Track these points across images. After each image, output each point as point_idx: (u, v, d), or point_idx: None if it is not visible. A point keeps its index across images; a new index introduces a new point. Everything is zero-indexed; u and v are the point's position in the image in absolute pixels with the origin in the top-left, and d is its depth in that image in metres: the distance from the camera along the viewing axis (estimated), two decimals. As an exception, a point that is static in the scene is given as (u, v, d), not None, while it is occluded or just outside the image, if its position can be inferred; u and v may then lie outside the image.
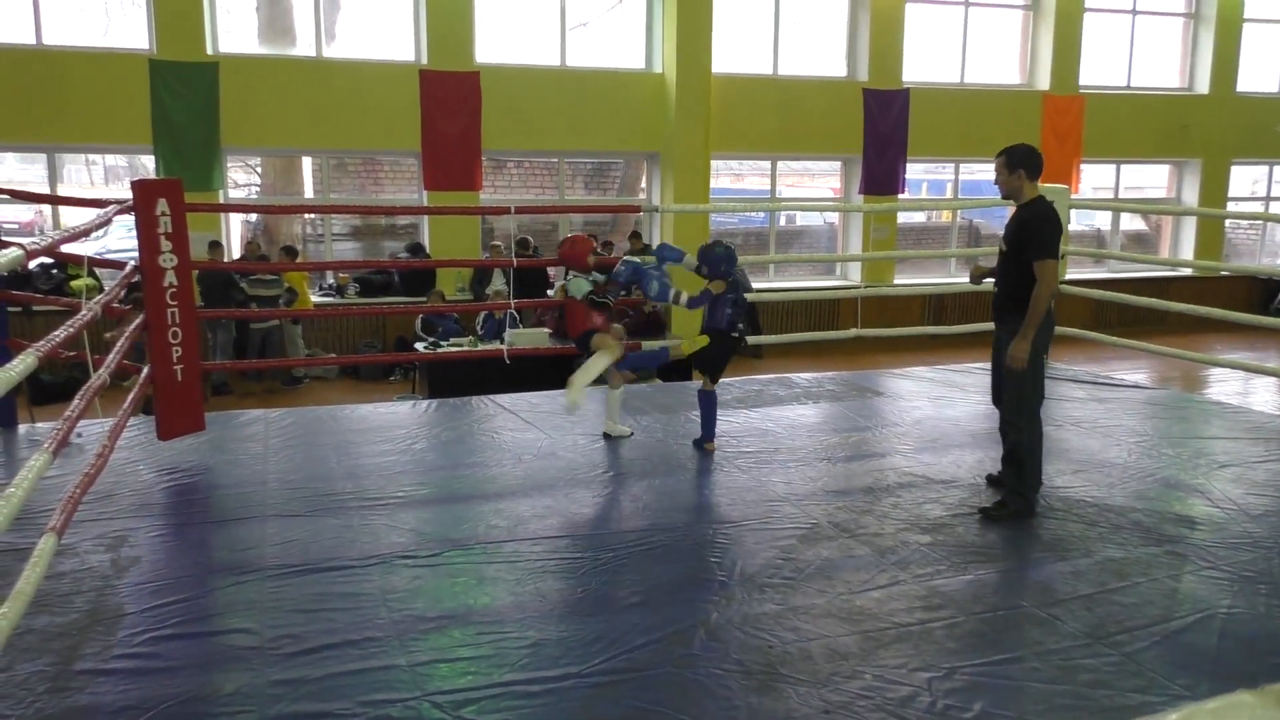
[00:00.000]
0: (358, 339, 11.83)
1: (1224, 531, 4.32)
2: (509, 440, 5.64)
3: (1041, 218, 4.37)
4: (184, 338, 5.37)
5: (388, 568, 3.84)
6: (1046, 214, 4.39)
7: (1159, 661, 3.18)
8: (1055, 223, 4.38)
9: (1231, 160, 15.30)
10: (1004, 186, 4.52)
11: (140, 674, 3.05)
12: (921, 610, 3.58)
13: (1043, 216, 4.37)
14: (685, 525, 4.32)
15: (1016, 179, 4.44)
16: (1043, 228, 4.35)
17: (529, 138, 12.17)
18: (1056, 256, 4.35)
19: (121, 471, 4.97)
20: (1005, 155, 4.49)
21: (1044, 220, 4.37)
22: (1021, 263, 4.35)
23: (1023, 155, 4.44)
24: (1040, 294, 4.29)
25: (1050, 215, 4.39)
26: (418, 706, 2.87)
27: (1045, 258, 4.30)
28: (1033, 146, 4.53)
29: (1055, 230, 4.38)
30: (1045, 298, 4.29)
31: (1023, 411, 4.47)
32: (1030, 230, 4.35)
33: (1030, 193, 4.45)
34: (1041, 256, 4.30)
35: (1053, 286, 4.30)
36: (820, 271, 14.42)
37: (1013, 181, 4.46)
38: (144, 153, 11.17)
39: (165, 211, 5.19)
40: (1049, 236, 4.34)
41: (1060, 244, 4.51)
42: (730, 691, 2.98)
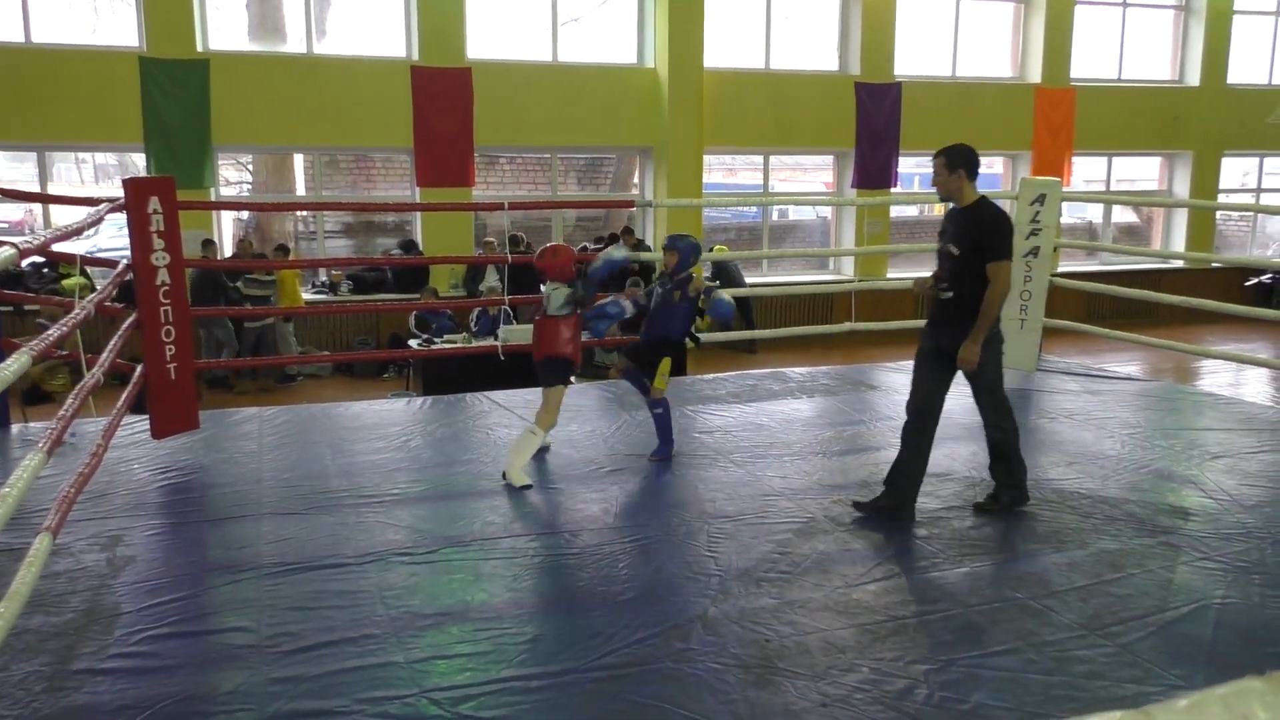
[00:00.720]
0: (351, 336, 11.80)
1: (1218, 522, 4.34)
2: (504, 436, 5.64)
3: (995, 219, 4.26)
4: (177, 336, 5.35)
5: (384, 565, 3.84)
6: (999, 215, 4.29)
7: (1154, 652, 3.20)
8: (1009, 224, 4.32)
9: (1222, 152, 15.34)
10: (943, 188, 4.35)
11: (137, 673, 3.04)
12: (918, 603, 3.59)
13: (997, 218, 4.27)
14: (681, 520, 4.33)
15: (956, 179, 4.29)
16: (998, 229, 4.25)
17: (521, 133, 12.15)
18: (1011, 258, 4.29)
19: (116, 471, 4.96)
20: (944, 156, 4.33)
21: (998, 222, 4.27)
22: (975, 266, 4.22)
23: (962, 155, 4.31)
24: (995, 296, 4.20)
25: (1003, 216, 4.31)
26: (416, 703, 2.87)
27: (1003, 259, 4.22)
28: (970, 146, 4.39)
29: (1010, 231, 4.33)
30: (1000, 300, 4.21)
31: (1000, 410, 4.42)
32: (985, 232, 4.23)
33: (971, 194, 4.30)
34: (1000, 258, 4.21)
35: (1008, 289, 4.24)
36: (813, 266, 14.43)
37: (952, 183, 4.30)
38: (135, 151, 11.13)
39: (157, 209, 5.18)
40: (1005, 238, 4.28)
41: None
42: (728, 685, 2.99)
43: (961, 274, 4.28)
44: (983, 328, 4.22)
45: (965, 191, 4.30)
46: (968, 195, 4.31)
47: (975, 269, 4.23)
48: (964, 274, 4.27)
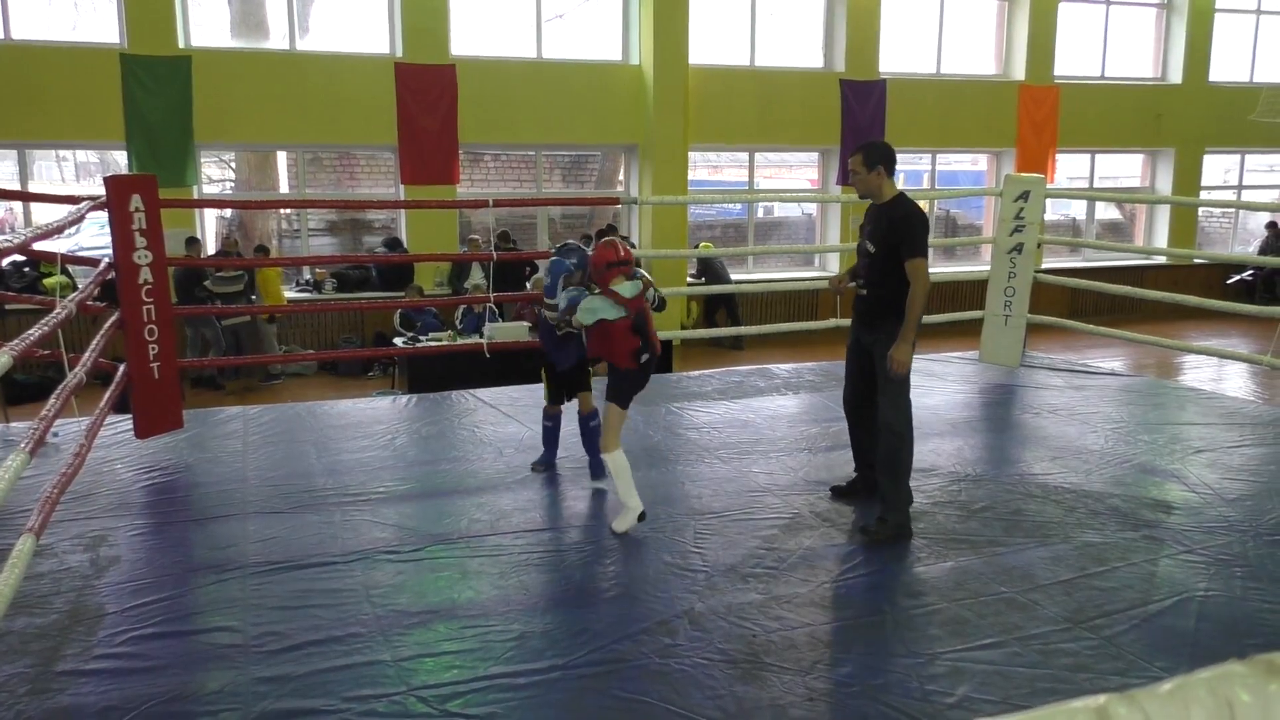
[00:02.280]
0: (336, 335, 11.76)
1: (1200, 516, 4.38)
2: (490, 434, 5.63)
3: (912, 216, 4.19)
4: (160, 335, 5.32)
5: (371, 563, 3.83)
6: (915, 212, 4.21)
7: (1138, 644, 3.22)
8: (925, 220, 4.25)
9: (1204, 149, 15.45)
10: (862, 185, 4.29)
11: (122, 674, 3.03)
12: (903, 598, 3.61)
13: (913, 215, 4.20)
14: (668, 517, 4.33)
15: (876, 176, 4.23)
16: (914, 226, 4.18)
17: (506, 131, 12.12)
18: (927, 254, 4.25)
19: (99, 471, 4.93)
20: (862, 153, 4.27)
21: (915, 218, 4.19)
22: (894, 264, 4.18)
23: (881, 152, 4.26)
24: (918, 294, 4.13)
25: (919, 213, 4.22)
26: (403, 701, 2.87)
27: (919, 256, 4.17)
28: (887, 143, 4.37)
29: (925, 228, 4.27)
30: (923, 297, 4.16)
31: (902, 414, 4.25)
32: (901, 230, 4.16)
33: (890, 190, 4.26)
34: (915, 255, 4.14)
35: (928, 285, 4.17)
36: (799, 263, 14.46)
37: (872, 180, 4.24)
38: (116, 149, 11.05)
39: (139, 207, 5.14)
40: (921, 235, 4.20)
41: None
42: (715, 681, 3.00)
43: (876, 272, 4.27)
44: (911, 328, 4.15)
45: (884, 188, 4.26)
46: (886, 192, 4.27)
47: (891, 266, 4.20)
48: (880, 271, 4.25)
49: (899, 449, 4.22)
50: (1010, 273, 7.46)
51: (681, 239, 12.58)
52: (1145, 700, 0.58)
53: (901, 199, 4.26)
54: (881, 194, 4.27)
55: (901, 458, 4.23)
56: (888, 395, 4.28)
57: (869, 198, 4.34)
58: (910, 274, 4.14)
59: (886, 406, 4.28)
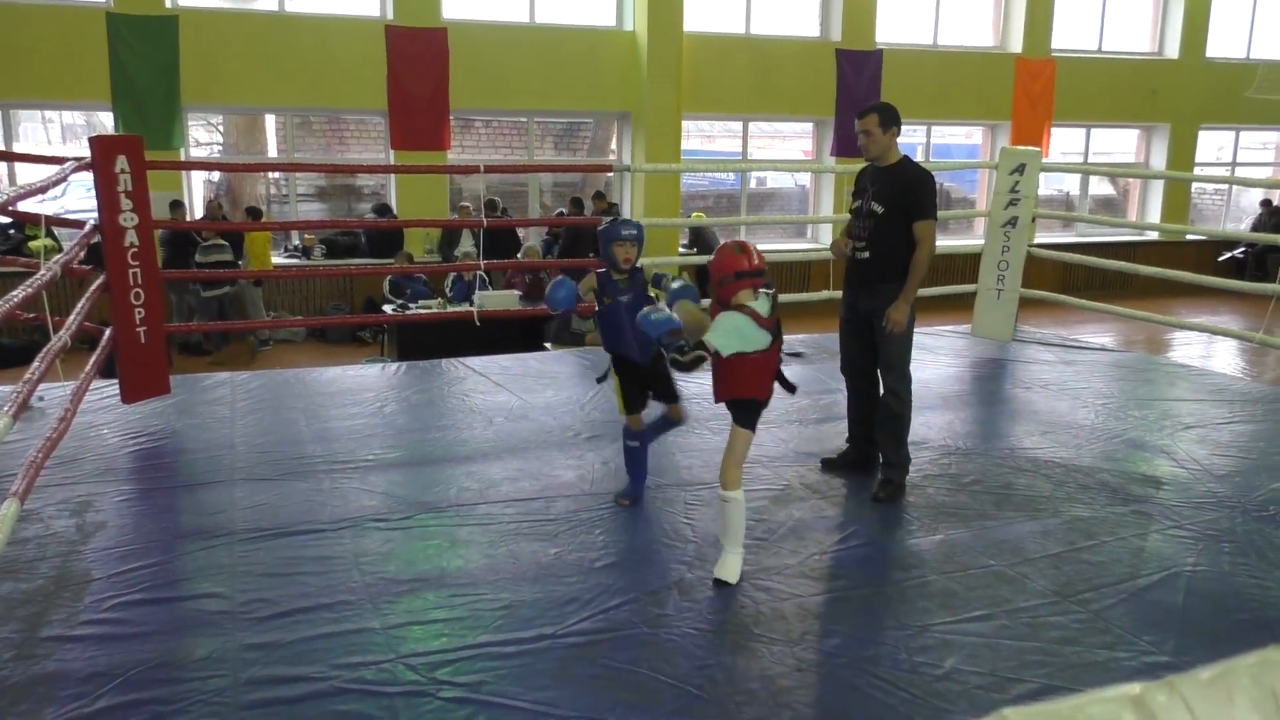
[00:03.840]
0: (324, 301, 11.68)
1: (1189, 491, 4.39)
2: (479, 403, 5.60)
3: (923, 178, 4.20)
4: (147, 299, 5.26)
5: (359, 531, 3.82)
6: (925, 175, 4.22)
7: (1125, 618, 3.23)
8: (934, 183, 4.26)
9: (1199, 125, 15.40)
10: (875, 147, 4.22)
11: (109, 640, 3.01)
12: (893, 570, 3.61)
13: (924, 177, 4.21)
14: (658, 487, 4.32)
15: (889, 138, 4.20)
16: (927, 188, 4.19)
17: (498, 96, 11.99)
18: (936, 218, 4.25)
19: (85, 435, 4.89)
20: (878, 114, 4.19)
21: (928, 180, 4.20)
22: (900, 226, 4.17)
23: (894, 113, 4.22)
24: (924, 256, 4.16)
25: (929, 176, 4.24)
26: (392, 669, 2.86)
27: (930, 218, 4.18)
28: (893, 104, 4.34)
29: (935, 191, 4.27)
30: (928, 260, 4.18)
31: (905, 380, 4.30)
32: (915, 191, 4.17)
33: (896, 153, 4.25)
34: (926, 217, 4.16)
35: (934, 249, 4.20)
36: (791, 234, 14.41)
37: (884, 141, 4.20)
38: (102, 110, 10.89)
39: (125, 169, 5.07)
40: (932, 197, 4.21)
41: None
42: (704, 651, 3.00)
43: (881, 234, 4.22)
44: (912, 288, 4.18)
45: (892, 151, 4.25)
46: (893, 154, 4.25)
47: (897, 229, 4.17)
48: (884, 234, 4.21)
49: (902, 413, 4.29)
50: (1004, 246, 7.43)
51: (674, 208, 12.51)
52: (1185, 688, 0.55)
53: (909, 161, 4.27)
54: (888, 156, 4.24)
55: (904, 421, 4.31)
56: (890, 363, 4.29)
57: (876, 160, 4.28)
58: (919, 236, 4.15)
59: (888, 374, 4.30)
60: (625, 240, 3.86)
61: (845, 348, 4.55)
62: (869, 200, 4.28)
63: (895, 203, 4.18)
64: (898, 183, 4.21)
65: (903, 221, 4.18)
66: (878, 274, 4.26)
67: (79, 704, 2.67)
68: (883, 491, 4.24)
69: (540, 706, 2.69)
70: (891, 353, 4.28)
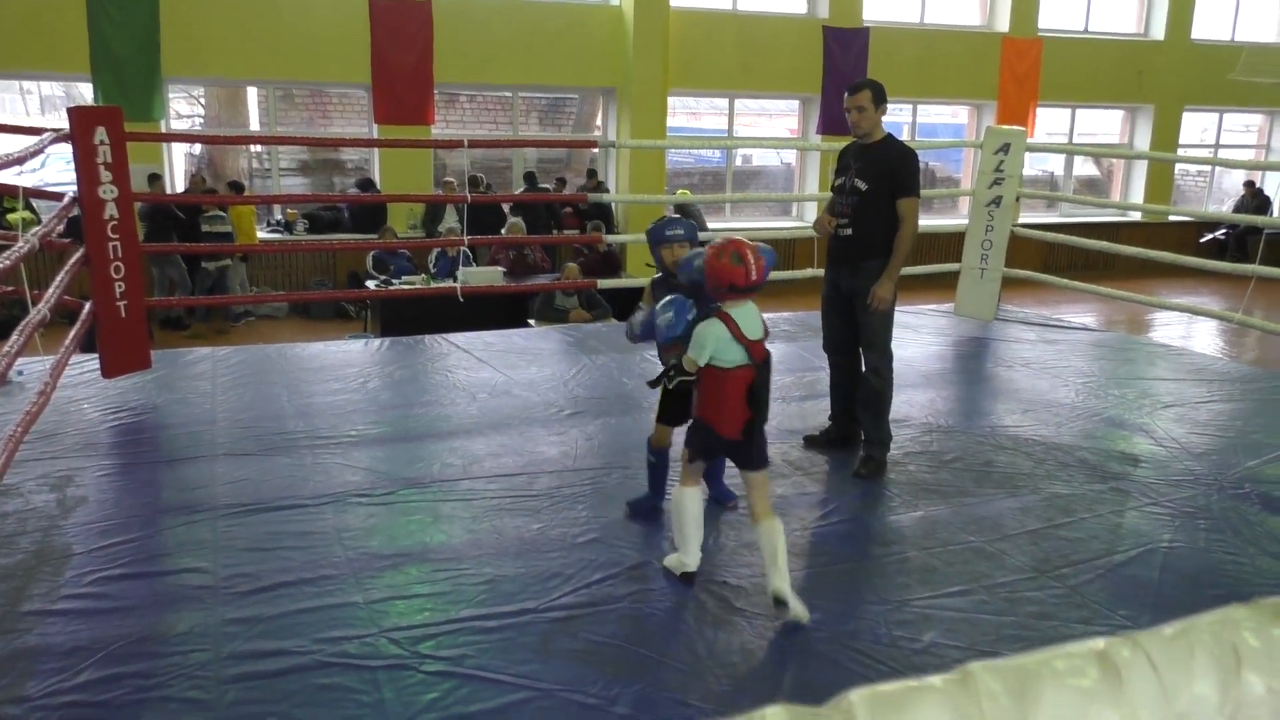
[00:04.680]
0: (307, 277, 11.61)
1: (1166, 469, 4.43)
2: (463, 379, 5.59)
3: (907, 155, 4.22)
4: (127, 272, 5.22)
5: (342, 506, 3.81)
6: (909, 152, 4.24)
7: (1102, 594, 3.27)
8: (918, 160, 4.28)
9: (1184, 107, 15.44)
10: (865, 123, 4.21)
11: (90, 614, 3.00)
12: (874, 545, 3.64)
13: (908, 154, 4.23)
14: (641, 463, 4.32)
15: (879, 114, 4.21)
16: (912, 165, 4.21)
17: (482, 71, 11.90)
18: (920, 195, 4.26)
19: (65, 410, 4.85)
20: (870, 90, 4.17)
21: (910, 158, 4.22)
22: (885, 203, 4.18)
23: (883, 90, 4.22)
24: (908, 233, 4.18)
25: (913, 153, 4.26)
26: (375, 643, 2.87)
27: (915, 195, 4.20)
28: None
29: (919, 168, 4.29)
30: (912, 237, 4.20)
31: (887, 357, 4.33)
32: (900, 168, 4.19)
33: (881, 130, 4.26)
34: (912, 194, 4.19)
35: (918, 226, 4.22)
36: (776, 212, 14.39)
37: (874, 118, 4.21)
38: (82, 80, 10.75)
39: (104, 140, 5.01)
40: (917, 174, 4.25)
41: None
42: (687, 625, 3.02)
43: (864, 211, 4.22)
44: (896, 266, 4.20)
45: (878, 128, 4.26)
46: (879, 131, 4.27)
47: (880, 206, 4.18)
48: (867, 211, 4.21)
49: (883, 391, 4.32)
50: (988, 226, 7.45)
51: (659, 185, 12.47)
52: (1148, 643, 0.57)
53: (893, 139, 4.29)
54: (875, 133, 4.26)
55: (885, 399, 4.34)
56: (872, 340, 4.30)
57: (864, 137, 4.27)
58: (904, 213, 4.17)
59: (870, 351, 4.32)
60: (672, 242, 3.56)
61: (827, 325, 4.56)
62: (852, 177, 4.27)
63: (879, 180, 4.19)
64: (882, 160, 4.22)
65: (886, 199, 4.19)
66: (860, 251, 4.27)
67: (60, 678, 2.67)
68: (864, 468, 4.26)
69: (522, 680, 2.71)
70: (874, 330, 4.30)
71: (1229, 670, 0.56)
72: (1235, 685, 0.56)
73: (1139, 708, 0.54)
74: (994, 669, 0.54)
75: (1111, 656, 0.56)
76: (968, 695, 0.52)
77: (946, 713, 0.51)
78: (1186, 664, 0.56)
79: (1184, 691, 0.55)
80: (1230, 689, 0.56)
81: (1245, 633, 0.58)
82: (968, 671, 0.54)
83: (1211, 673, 0.56)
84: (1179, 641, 0.57)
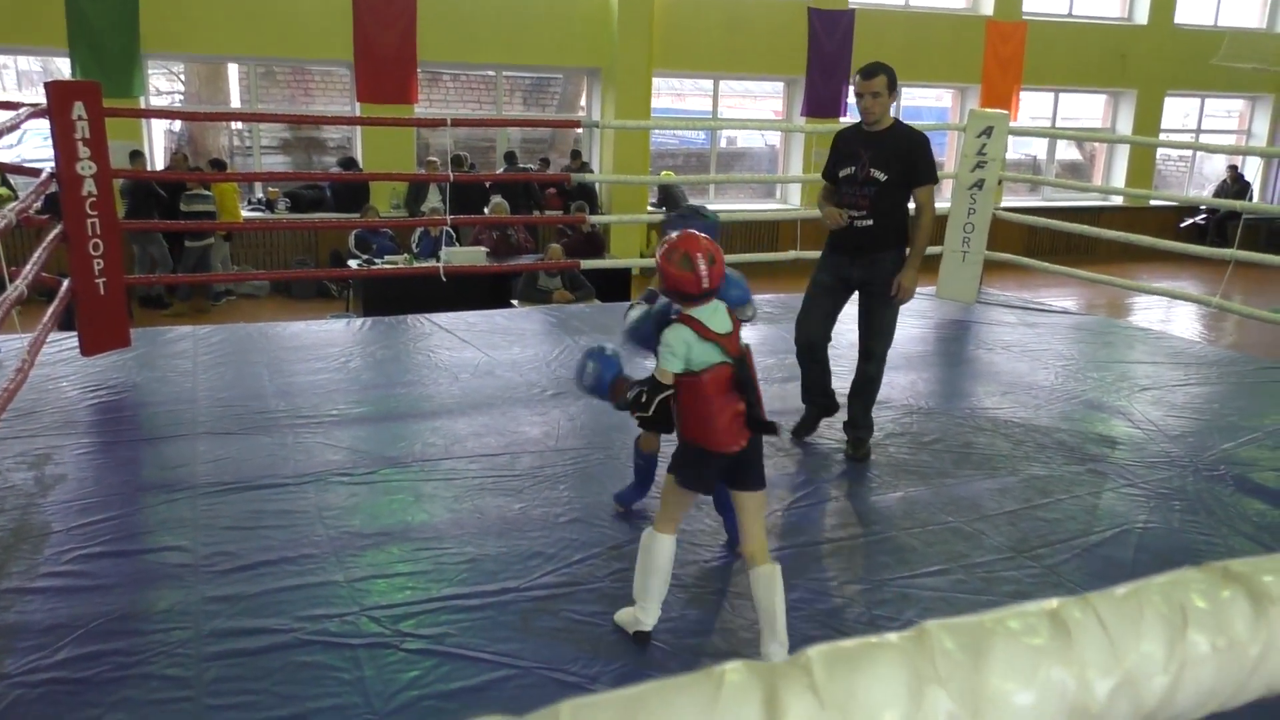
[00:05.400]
0: (289, 256, 11.53)
1: (1143, 451, 4.48)
2: (445, 359, 5.58)
3: (924, 142, 4.12)
4: (106, 250, 5.18)
5: (323, 485, 3.81)
6: (925, 138, 4.14)
7: (1078, 573, 3.31)
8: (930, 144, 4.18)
9: (1166, 92, 15.51)
10: (877, 109, 4.03)
11: (70, 592, 3.00)
12: (853, 526, 3.67)
13: (924, 140, 4.13)
14: (622, 444, 4.33)
15: (892, 100, 4.06)
16: (928, 152, 4.12)
17: (466, 50, 11.81)
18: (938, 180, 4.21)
19: (43, 388, 4.82)
20: (886, 75, 3.98)
21: (926, 144, 4.13)
22: (897, 192, 4.07)
23: (895, 76, 4.05)
24: (930, 221, 4.12)
25: (927, 139, 4.16)
26: (356, 621, 2.87)
27: (934, 182, 4.15)
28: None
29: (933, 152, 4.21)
30: (932, 225, 4.14)
31: (888, 345, 4.32)
32: (919, 157, 4.08)
33: (889, 116, 4.13)
34: (932, 181, 4.12)
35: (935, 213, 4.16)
36: (760, 194, 14.39)
37: (886, 104, 4.04)
38: (59, 55, 10.61)
39: (82, 115, 4.95)
40: (934, 161, 4.16)
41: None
42: (667, 604, 3.03)
43: (883, 202, 4.08)
44: (920, 255, 4.14)
45: (888, 114, 4.14)
46: (888, 118, 4.13)
47: (899, 195, 4.07)
48: (886, 202, 4.08)
49: (878, 380, 4.33)
50: (970, 209, 7.48)
51: (643, 166, 12.44)
52: (1099, 604, 0.59)
53: (902, 124, 4.17)
54: (884, 119, 4.11)
55: (878, 387, 4.35)
56: (884, 330, 4.24)
57: (875, 124, 4.10)
58: (924, 201, 4.09)
59: (879, 341, 4.24)
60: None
61: (809, 315, 4.37)
62: (866, 166, 4.08)
63: (898, 168, 4.05)
64: (900, 148, 4.07)
65: (904, 188, 4.08)
66: (877, 242, 4.11)
67: (40, 655, 2.66)
68: (859, 451, 4.26)
69: (503, 658, 2.72)
70: (887, 321, 4.24)
71: (1176, 629, 0.58)
72: (1181, 644, 0.58)
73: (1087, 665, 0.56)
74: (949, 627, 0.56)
75: (1063, 616, 0.58)
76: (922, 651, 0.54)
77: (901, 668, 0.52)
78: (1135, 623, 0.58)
79: (1132, 650, 0.57)
80: (1176, 647, 0.58)
81: (1193, 594, 0.60)
82: (923, 629, 0.56)
83: (1159, 632, 0.58)
84: (1129, 602, 0.59)
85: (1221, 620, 0.59)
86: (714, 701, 0.50)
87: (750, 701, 0.51)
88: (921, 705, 0.52)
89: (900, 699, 0.52)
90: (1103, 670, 0.56)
